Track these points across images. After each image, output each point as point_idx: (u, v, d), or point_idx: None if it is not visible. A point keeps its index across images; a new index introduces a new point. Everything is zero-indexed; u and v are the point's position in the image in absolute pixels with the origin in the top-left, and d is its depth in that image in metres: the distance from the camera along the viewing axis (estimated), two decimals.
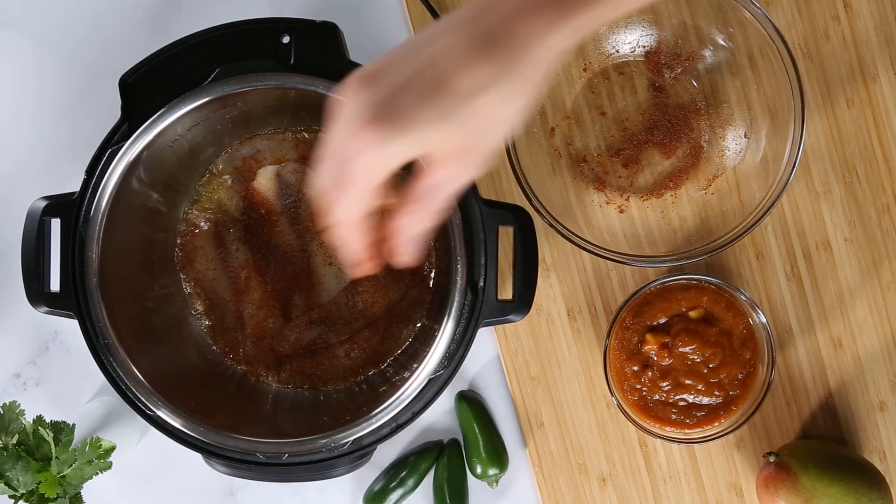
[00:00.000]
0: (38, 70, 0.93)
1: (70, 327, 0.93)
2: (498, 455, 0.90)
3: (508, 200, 0.90)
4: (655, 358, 0.85)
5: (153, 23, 0.92)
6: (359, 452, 0.78)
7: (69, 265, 0.77)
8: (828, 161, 0.89)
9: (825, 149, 0.89)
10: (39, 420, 0.79)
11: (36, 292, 0.77)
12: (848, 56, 0.89)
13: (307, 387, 0.88)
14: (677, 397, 0.85)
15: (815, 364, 0.90)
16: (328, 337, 0.87)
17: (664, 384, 0.85)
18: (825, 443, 0.88)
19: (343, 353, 0.88)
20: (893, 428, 0.90)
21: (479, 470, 0.90)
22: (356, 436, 0.77)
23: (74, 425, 0.80)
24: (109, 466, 0.79)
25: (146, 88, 0.76)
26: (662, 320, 0.85)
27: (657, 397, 0.85)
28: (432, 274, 0.88)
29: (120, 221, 0.78)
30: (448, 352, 0.77)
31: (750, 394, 0.85)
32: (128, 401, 0.78)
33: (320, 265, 0.88)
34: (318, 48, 0.76)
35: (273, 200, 0.87)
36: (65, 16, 0.93)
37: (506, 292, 0.81)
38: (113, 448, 0.80)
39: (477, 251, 0.77)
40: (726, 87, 0.87)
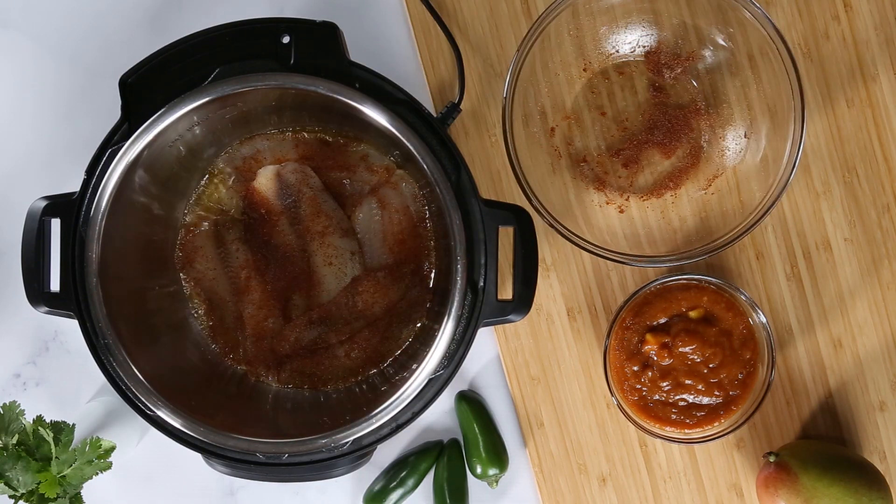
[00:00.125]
0: (38, 70, 0.93)
1: (70, 327, 0.93)
2: (498, 455, 0.90)
3: (508, 200, 0.90)
4: (655, 358, 0.85)
5: (153, 23, 0.92)
6: (359, 452, 0.78)
7: (69, 265, 0.77)
8: (828, 161, 0.89)
9: (825, 149, 0.89)
10: (39, 420, 0.79)
11: (36, 292, 0.77)
12: (848, 56, 0.89)
13: (307, 387, 0.88)
14: (677, 397, 0.85)
15: (815, 364, 0.90)
16: (328, 337, 0.87)
17: (664, 384, 0.85)
18: (825, 443, 0.88)
19: (343, 353, 0.88)
20: (893, 428, 0.90)
21: (479, 470, 0.90)
22: (356, 436, 0.77)
23: (74, 425, 0.80)
24: (109, 466, 0.79)
25: (146, 88, 0.76)
26: (662, 320, 0.85)
27: (657, 397, 0.85)
28: (432, 274, 0.88)
29: (120, 221, 0.78)
30: (448, 352, 0.77)
31: (750, 394, 0.85)
32: (128, 401, 0.78)
33: (320, 265, 0.88)
34: (318, 48, 0.76)
35: (273, 200, 0.87)
36: (65, 16, 0.93)
37: (506, 292, 0.81)
38: (113, 448, 0.80)
39: (477, 251, 0.76)
40: (726, 87, 0.87)
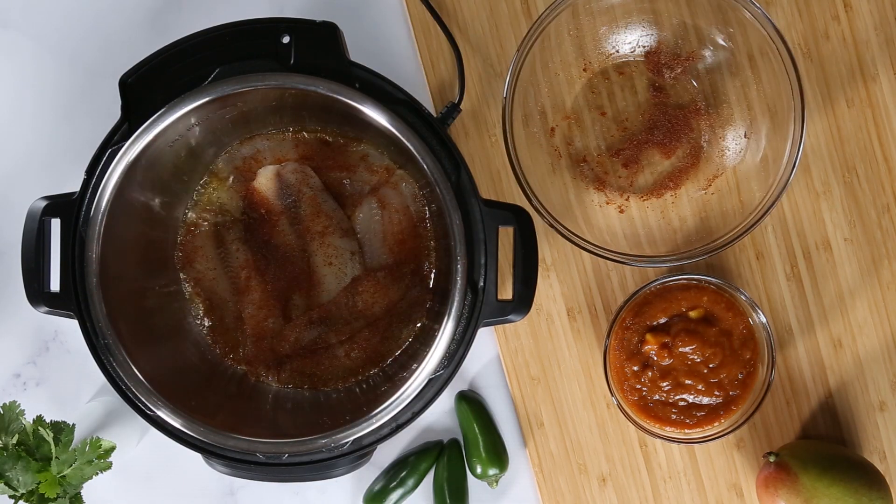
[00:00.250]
0: (38, 70, 0.93)
1: (70, 327, 0.93)
2: (498, 455, 0.90)
3: (508, 200, 0.90)
4: (655, 358, 0.85)
5: (153, 23, 0.92)
6: (359, 452, 0.78)
7: (69, 265, 0.77)
8: (828, 161, 0.89)
9: (825, 149, 0.89)
10: (39, 420, 0.79)
11: (36, 292, 0.77)
12: (848, 56, 0.89)
13: (307, 387, 0.88)
14: (677, 397, 0.85)
15: (815, 364, 0.90)
16: (328, 337, 0.87)
17: (664, 384, 0.85)
18: (825, 443, 0.88)
19: (343, 353, 0.88)
20: (893, 428, 0.90)
21: (479, 470, 0.90)
22: (356, 436, 0.77)
23: (74, 425, 0.80)
24: (109, 466, 0.79)
25: (146, 88, 0.76)
26: (662, 320, 0.85)
27: (657, 397, 0.85)
28: (432, 274, 0.88)
29: (120, 221, 0.78)
30: (448, 352, 0.77)
31: (750, 394, 0.85)
32: (128, 401, 0.78)
33: (320, 265, 0.88)
34: (318, 48, 0.76)
35: (273, 200, 0.87)
36: (65, 16, 0.93)
37: (506, 292, 0.81)
38: (113, 448, 0.80)
39: (477, 251, 0.76)
40: (726, 87, 0.87)
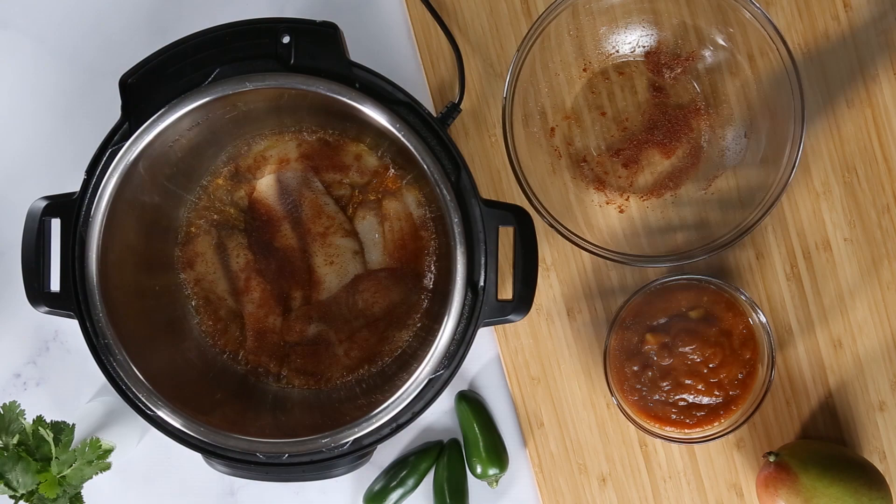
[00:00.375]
0: (38, 70, 0.93)
1: (70, 327, 0.93)
2: (498, 455, 0.90)
3: (508, 200, 0.90)
4: (655, 358, 0.85)
5: (153, 23, 0.92)
6: (359, 452, 0.78)
7: (69, 265, 0.77)
8: (828, 161, 0.89)
9: (825, 149, 0.89)
10: (39, 420, 0.79)
11: (36, 292, 0.77)
12: (848, 56, 0.89)
13: (307, 386, 0.88)
14: (677, 397, 0.85)
15: (815, 364, 0.90)
16: (328, 335, 0.87)
17: (664, 384, 0.85)
18: (825, 443, 0.88)
19: (343, 353, 0.88)
20: (893, 428, 0.90)
21: (479, 470, 0.90)
22: (356, 436, 0.77)
23: (74, 425, 0.80)
24: (109, 467, 0.79)
25: (146, 88, 0.76)
26: (662, 320, 0.85)
27: (657, 397, 0.85)
28: (432, 274, 0.88)
29: (120, 221, 0.78)
30: (448, 352, 0.77)
31: (750, 394, 0.85)
32: (128, 401, 0.78)
33: (321, 265, 0.88)
34: (318, 48, 0.76)
35: (274, 206, 0.87)
36: (65, 16, 0.93)
37: (506, 292, 0.81)
38: (112, 449, 0.80)
39: (477, 251, 0.76)
40: (726, 87, 0.87)
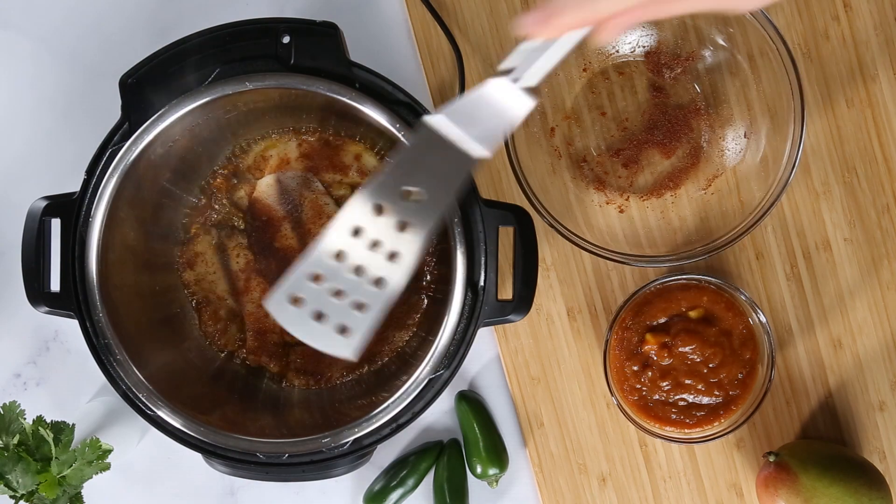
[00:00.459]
0: (38, 70, 0.93)
1: (70, 327, 0.93)
2: (498, 455, 0.90)
3: (508, 200, 0.90)
4: (655, 358, 0.85)
5: (153, 23, 0.92)
6: (359, 452, 0.78)
7: (69, 265, 0.77)
8: (828, 161, 0.89)
9: (825, 149, 0.89)
10: (39, 420, 0.79)
11: (36, 292, 0.77)
12: (848, 56, 0.89)
13: (307, 386, 0.88)
14: (677, 397, 0.85)
15: (815, 364, 0.90)
16: None
17: (664, 384, 0.85)
18: (825, 443, 0.88)
19: None
20: (893, 428, 0.90)
21: (479, 470, 0.90)
22: (356, 436, 0.77)
23: (74, 425, 0.80)
24: (108, 467, 0.79)
25: (146, 88, 0.76)
26: (662, 320, 0.85)
27: (657, 397, 0.85)
28: (432, 275, 0.88)
29: (120, 221, 0.78)
30: (448, 352, 0.77)
31: (750, 394, 0.85)
32: (128, 401, 0.78)
33: None
34: (319, 48, 0.76)
35: (275, 207, 0.87)
36: (65, 16, 0.93)
37: (506, 292, 0.81)
38: (111, 450, 0.80)
39: (477, 251, 0.76)
40: (726, 87, 0.87)
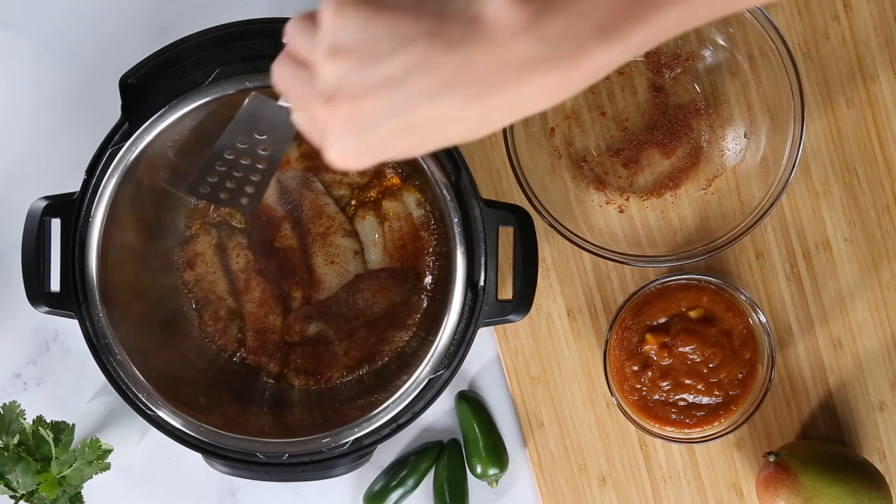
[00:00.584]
0: (38, 70, 0.93)
1: (70, 327, 0.92)
2: (498, 455, 0.90)
3: (508, 200, 0.90)
4: (655, 358, 0.85)
5: (153, 23, 0.92)
6: (359, 452, 0.78)
7: (69, 265, 0.77)
8: (828, 161, 0.89)
9: (825, 149, 0.89)
10: (39, 420, 0.79)
11: (36, 292, 0.77)
12: (848, 56, 0.89)
13: (307, 386, 0.88)
14: (677, 397, 0.85)
15: (815, 364, 0.90)
16: (328, 335, 0.87)
17: (664, 384, 0.85)
18: (825, 443, 0.88)
19: (343, 353, 0.88)
20: (893, 428, 0.90)
21: (479, 470, 0.90)
22: (356, 436, 0.77)
23: (74, 425, 0.80)
24: (108, 467, 0.79)
25: (146, 88, 0.76)
26: (662, 320, 0.85)
27: (657, 397, 0.85)
28: (432, 274, 0.88)
29: (120, 221, 0.78)
30: (448, 352, 0.77)
31: (750, 394, 0.85)
32: (128, 401, 0.78)
33: (322, 264, 0.88)
34: None
35: (274, 207, 0.87)
36: (65, 16, 0.93)
37: (506, 292, 0.81)
38: (111, 450, 0.80)
39: (477, 251, 0.76)
40: (726, 87, 0.87)
